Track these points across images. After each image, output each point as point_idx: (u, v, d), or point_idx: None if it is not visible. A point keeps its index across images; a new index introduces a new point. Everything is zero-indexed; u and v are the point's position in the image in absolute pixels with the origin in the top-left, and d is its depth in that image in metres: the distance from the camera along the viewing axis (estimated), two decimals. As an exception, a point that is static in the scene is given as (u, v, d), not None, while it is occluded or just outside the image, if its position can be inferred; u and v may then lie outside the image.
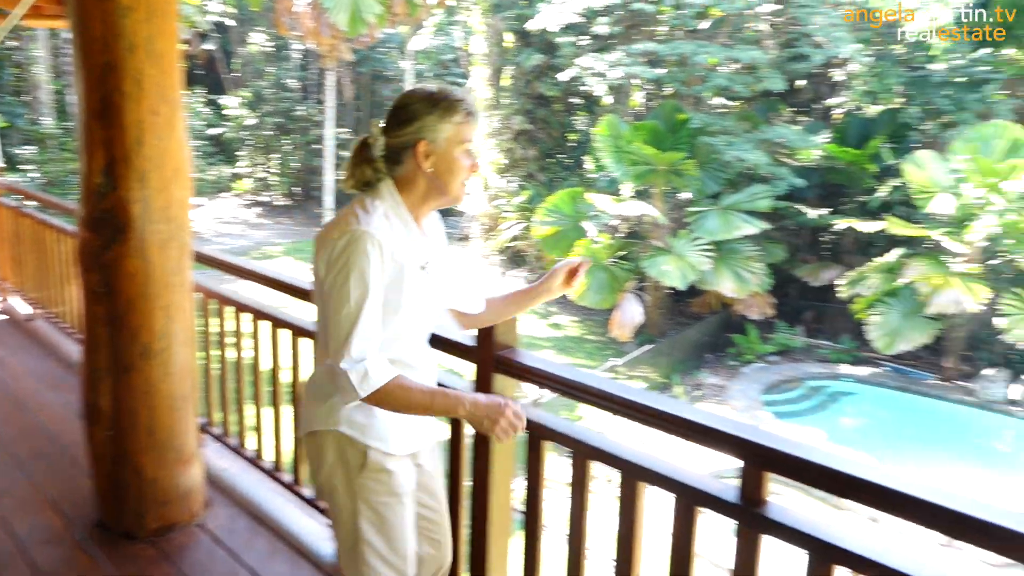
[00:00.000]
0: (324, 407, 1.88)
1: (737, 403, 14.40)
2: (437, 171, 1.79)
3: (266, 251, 24.54)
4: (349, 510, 1.89)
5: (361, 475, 1.87)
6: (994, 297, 15.03)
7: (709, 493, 1.69)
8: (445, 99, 1.77)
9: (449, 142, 1.78)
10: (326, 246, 1.73)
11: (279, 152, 30.32)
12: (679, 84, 17.98)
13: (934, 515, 1.37)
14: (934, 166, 15.43)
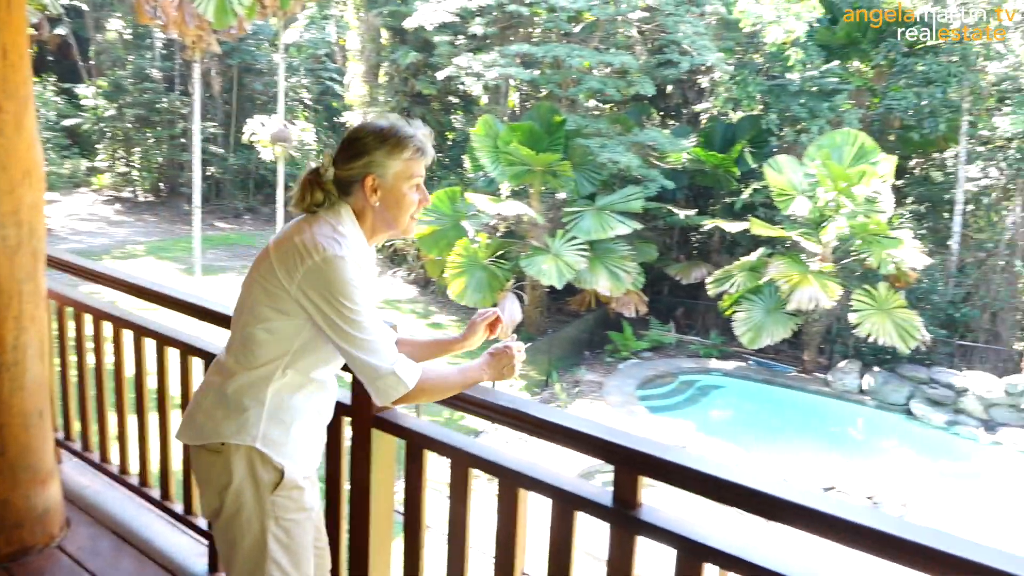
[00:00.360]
0: (236, 421, 1.80)
1: (613, 399, 14.78)
2: (385, 205, 1.82)
3: (129, 250, 23.25)
4: (257, 529, 1.81)
5: (274, 493, 1.81)
6: (846, 293, 16.11)
7: (584, 497, 1.72)
8: (395, 135, 1.79)
9: (397, 177, 1.80)
10: (308, 270, 1.71)
11: (142, 145, 28.81)
12: (554, 86, 18.30)
13: (795, 513, 1.43)
14: (792, 170, 16.37)
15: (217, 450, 1.81)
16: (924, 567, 1.32)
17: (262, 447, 1.79)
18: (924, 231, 19.57)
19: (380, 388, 1.73)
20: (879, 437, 15.00)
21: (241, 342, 1.81)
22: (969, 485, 12.91)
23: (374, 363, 1.72)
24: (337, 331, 1.72)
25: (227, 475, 1.80)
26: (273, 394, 1.81)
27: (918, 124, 17.91)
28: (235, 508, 1.81)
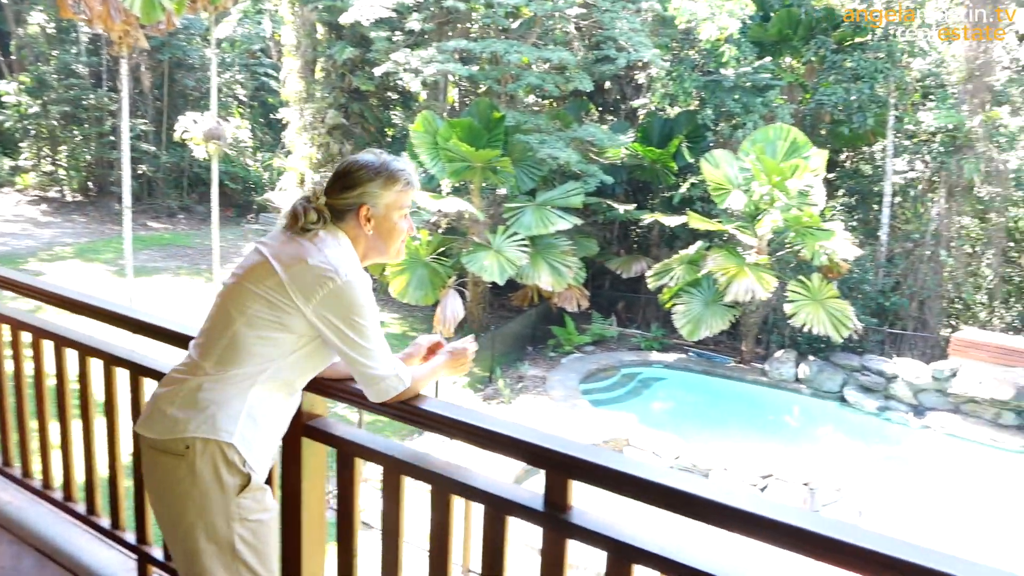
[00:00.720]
0: (211, 418, 1.82)
1: (557, 393, 14.87)
2: (377, 233, 1.96)
3: (56, 252, 22.49)
4: (224, 532, 1.82)
5: (240, 495, 1.83)
6: (782, 285, 16.48)
7: (516, 501, 1.72)
8: (387, 169, 1.94)
9: (389, 208, 1.95)
10: (329, 292, 1.81)
11: (68, 143, 27.86)
12: (493, 82, 18.27)
13: (720, 513, 1.45)
14: (727, 165, 16.66)
15: (181, 453, 1.81)
16: (847, 564, 1.35)
17: (238, 444, 1.82)
18: (855, 223, 20.16)
19: (382, 388, 1.86)
20: (815, 424, 15.40)
21: (226, 346, 1.84)
22: (900, 468, 13.35)
23: (380, 371, 1.86)
24: (351, 345, 1.84)
25: (191, 479, 1.80)
26: (254, 396, 1.85)
27: (848, 119, 18.40)
28: (198, 513, 1.81)
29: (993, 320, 18.97)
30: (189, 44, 29.03)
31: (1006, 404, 14.17)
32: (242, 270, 1.90)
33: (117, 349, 2.68)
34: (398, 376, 1.87)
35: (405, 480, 1.96)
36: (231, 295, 1.88)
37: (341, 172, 1.96)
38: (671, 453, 12.03)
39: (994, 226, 18.75)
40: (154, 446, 1.85)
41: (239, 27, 28.45)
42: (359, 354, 1.83)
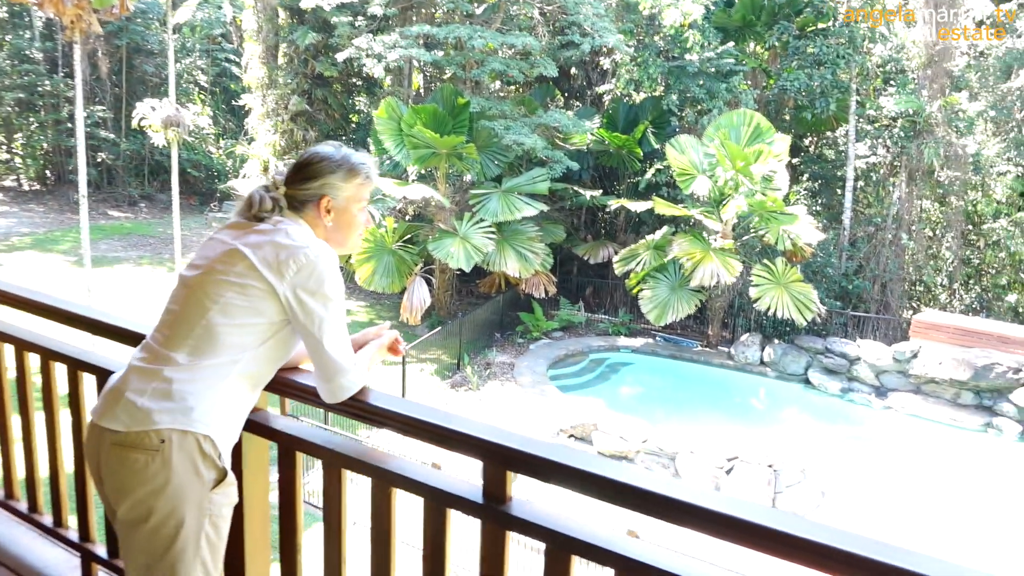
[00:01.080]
0: (187, 409, 1.76)
1: (525, 379, 14.88)
2: (337, 225, 1.96)
3: (13, 242, 22.02)
4: (192, 529, 1.76)
5: (214, 489, 1.79)
6: (747, 269, 16.62)
7: (455, 494, 1.69)
8: (348, 162, 1.94)
9: (349, 200, 1.96)
10: (303, 266, 1.80)
11: (24, 131, 27.24)
12: (457, 68, 18.15)
13: (660, 505, 1.44)
14: (692, 150, 16.73)
15: (155, 448, 1.73)
16: (784, 554, 1.34)
17: (215, 436, 1.78)
18: (818, 207, 20.40)
19: (344, 384, 1.82)
20: (779, 406, 15.59)
21: (200, 336, 1.79)
22: (863, 449, 13.57)
23: (343, 362, 1.82)
24: (319, 325, 1.80)
25: (165, 474, 1.74)
26: (227, 388, 1.81)
27: (810, 104, 18.55)
28: (169, 510, 1.74)
29: (953, 302, 19.32)
30: (148, 29, 28.48)
31: (965, 384, 14.44)
32: (206, 260, 1.85)
33: (55, 343, 2.60)
34: (357, 370, 1.84)
35: (347, 474, 1.92)
36: (200, 284, 1.82)
37: (302, 163, 1.94)
38: (638, 437, 12.10)
39: (953, 209, 19.05)
40: (122, 442, 1.75)
41: (199, 11, 27.90)
42: (325, 336, 1.80)
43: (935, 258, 19.56)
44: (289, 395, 1.99)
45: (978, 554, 10.16)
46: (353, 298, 20.31)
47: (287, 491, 2.01)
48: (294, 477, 2.00)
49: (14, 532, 2.96)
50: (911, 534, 10.50)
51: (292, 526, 2.03)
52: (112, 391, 1.83)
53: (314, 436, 1.95)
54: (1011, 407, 14.04)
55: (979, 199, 19.33)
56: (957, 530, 10.74)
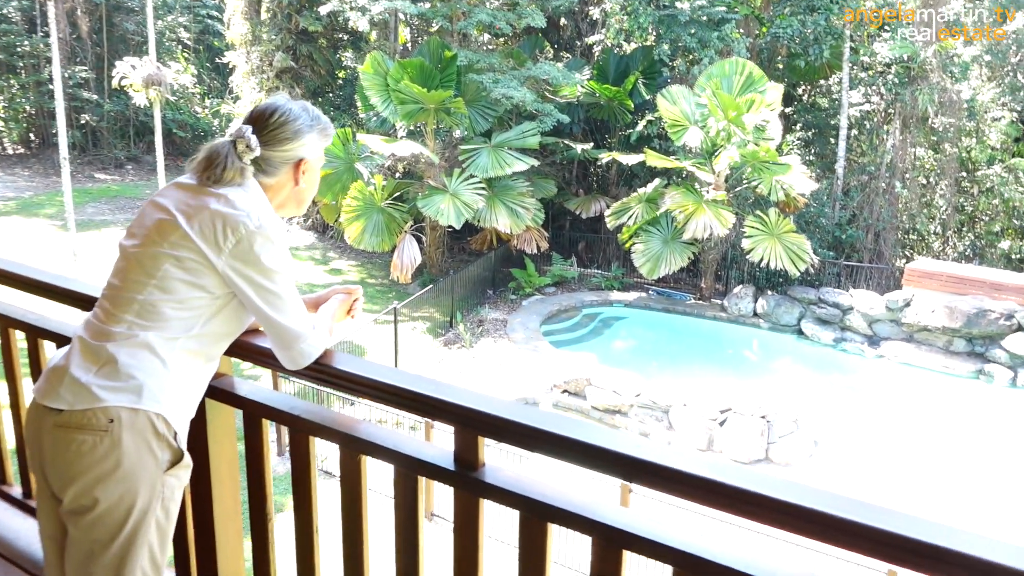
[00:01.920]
0: (134, 386, 1.63)
1: (518, 336, 14.84)
2: (307, 186, 1.87)
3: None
4: (140, 514, 1.64)
5: (168, 471, 1.68)
6: (740, 221, 16.50)
7: (425, 460, 1.61)
8: (320, 120, 1.85)
9: (319, 160, 1.88)
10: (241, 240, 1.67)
11: (5, 94, 26.75)
12: (444, 20, 17.76)
13: (639, 469, 1.36)
14: (684, 101, 16.47)
15: (103, 428, 1.61)
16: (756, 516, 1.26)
17: (167, 413, 1.66)
18: (812, 157, 20.20)
19: (304, 350, 1.73)
20: (773, 358, 15.61)
21: (138, 311, 1.68)
22: (855, 398, 13.62)
23: (298, 328, 1.72)
24: (266, 298, 1.70)
25: (115, 456, 1.61)
26: (177, 362, 1.69)
27: (804, 51, 18.24)
28: (119, 495, 1.62)
29: (946, 250, 19.27)
30: (127, -14, 27.85)
31: (957, 332, 14.45)
32: (142, 228, 1.71)
33: (13, 310, 2.50)
34: (315, 335, 1.74)
35: (315, 441, 1.83)
36: (137, 258, 1.69)
37: (279, 121, 1.78)
38: (632, 391, 12.11)
39: (947, 157, 18.89)
40: (66, 423, 1.62)
41: (179, -34, 27.30)
42: (275, 309, 1.69)
43: (928, 206, 19.46)
44: (250, 360, 1.90)
45: (970, 501, 10.25)
46: (344, 257, 20.18)
47: (255, 460, 1.94)
48: (261, 444, 1.92)
49: (-18, 505, 2.89)
50: (904, 483, 10.58)
51: (261, 494, 1.96)
52: (55, 369, 1.71)
53: (280, 402, 1.86)
54: (1003, 353, 14.08)
55: (973, 146, 19.15)
56: (949, 478, 10.82)
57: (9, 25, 25.95)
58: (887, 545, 1.16)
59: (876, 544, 1.17)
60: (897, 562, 1.16)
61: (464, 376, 13.20)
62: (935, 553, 1.12)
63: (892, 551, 1.16)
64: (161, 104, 15.55)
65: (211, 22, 30.35)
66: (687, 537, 1.35)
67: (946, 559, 1.11)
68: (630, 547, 1.40)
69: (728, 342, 16.13)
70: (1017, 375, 13.85)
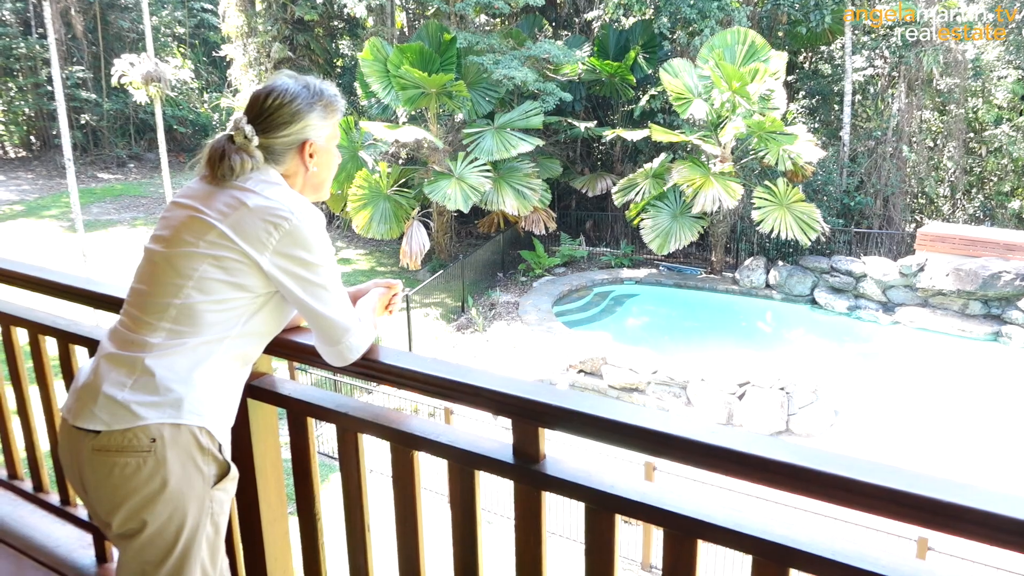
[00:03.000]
0: (174, 401, 1.55)
1: (530, 317, 14.80)
2: (320, 169, 1.77)
3: (5, 211, 21.76)
4: (190, 533, 1.59)
5: (216, 486, 1.62)
6: (748, 192, 16.38)
7: (483, 455, 1.56)
8: (323, 96, 1.73)
9: (329, 140, 1.76)
10: (286, 234, 1.59)
11: (3, 97, 26.67)
12: (441, 2, 17.59)
13: (704, 454, 1.31)
14: (687, 73, 16.30)
15: (146, 449, 1.54)
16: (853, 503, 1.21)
17: (211, 426, 1.59)
18: (817, 125, 20.00)
19: (351, 344, 1.66)
20: (787, 328, 15.55)
21: (176, 317, 1.58)
22: (873, 365, 13.56)
23: (345, 321, 1.66)
24: (312, 292, 1.63)
25: (161, 476, 1.54)
26: (215, 370, 1.61)
27: (805, 18, 18.03)
28: (168, 515, 1.56)
29: (956, 212, 19.11)
30: (119, -18, 27.68)
31: (972, 294, 14.35)
32: (171, 230, 1.63)
33: (43, 316, 2.46)
34: (361, 327, 1.68)
35: (364, 439, 1.79)
36: (168, 260, 1.60)
37: (274, 105, 1.67)
38: (648, 368, 12.07)
39: (954, 118, 18.70)
40: (105, 447, 1.54)
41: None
42: (321, 302, 1.62)
43: (937, 169, 19.28)
44: (290, 358, 1.85)
45: (993, 464, 10.20)
46: (352, 246, 20.14)
47: (301, 458, 1.89)
48: (307, 444, 1.88)
49: (20, 512, 2.87)
50: (926, 449, 10.54)
51: (309, 494, 1.92)
52: (86, 387, 1.61)
53: (324, 400, 1.82)
54: (1020, 314, 13.97)
55: (979, 105, 18.95)
56: (971, 441, 10.78)
57: (4, 28, 25.83)
58: (914, 508, 1.15)
59: (907, 508, 1.16)
60: (930, 525, 1.14)
61: (479, 360, 13.18)
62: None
63: (920, 514, 1.15)
64: (162, 101, 15.45)
65: (206, 16, 30.17)
66: (766, 524, 1.30)
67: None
68: (705, 537, 1.35)
69: (741, 315, 16.07)
70: (1034, 335, 13.77)
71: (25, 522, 2.81)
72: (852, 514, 6.71)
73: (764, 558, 1.29)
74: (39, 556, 2.66)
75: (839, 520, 7.06)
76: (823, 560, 1.23)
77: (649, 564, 8.28)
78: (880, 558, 1.20)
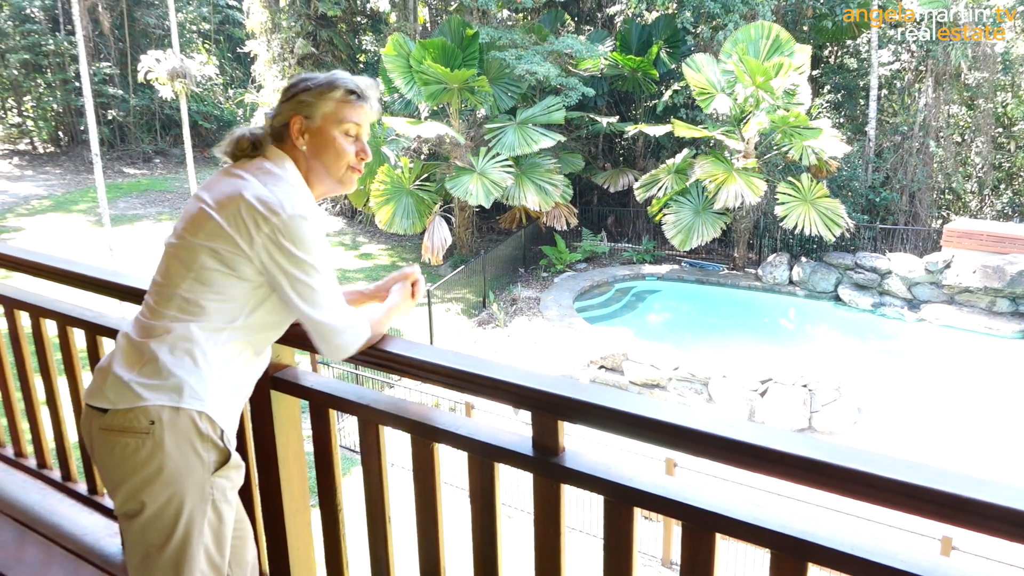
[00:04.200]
0: (175, 382, 1.58)
1: (551, 313, 14.80)
2: (314, 151, 1.71)
3: (34, 206, 22.08)
4: (190, 518, 1.61)
5: (215, 473, 1.62)
6: (771, 188, 16.25)
7: (503, 447, 1.57)
8: (328, 78, 1.71)
9: (326, 119, 1.70)
10: (273, 230, 1.59)
11: (33, 93, 27.04)
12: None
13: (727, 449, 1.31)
14: (709, 68, 16.19)
15: (145, 431, 1.57)
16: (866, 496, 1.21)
17: (211, 412, 1.61)
18: (842, 119, 19.81)
19: (341, 344, 1.66)
20: (811, 325, 15.43)
21: (179, 306, 1.63)
22: (897, 363, 13.43)
23: (334, 322, 1.64)
24: (300, 290, 1.61)
25: (159, 459, 1.57)
26: (221, 357, 1.64)
27: (830, 12, 17.84)
28: (166, 498, 1.58)
29: (984, 209, 18.85)
30: (146, -21, 27.96)
31: (1000, 292, 14.16)
32: (181, 224, 1.68)
33: (71, 308, 2.51)
34: (354, 328, 1.66)
35: (385, 430, 1.81)
36: (175, 252, 1.65)
37: (291, 85, 1.74)
38: (669, 364, 12.03)
39: (982, 113, 18.44)
40: (109, 426, 1.59)
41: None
42: (309, 303, 1.61)
43: (964, 164, 19.02)
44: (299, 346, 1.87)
45: (1016, 461, 10.07)
46: (374, 241, 20.24)
47: (323, 450, 1.91)
48: (329, 435, 1.90)
49: (50, 501, 2.92)
50: (951, 448, 10.42)
51: (331, 484, 1.94)
52: (100, 369, 1.67)
53: (346, 392, 1.84)
54: (1048, 312, 13.78)
55: (1009, 100, 18.67)
56: (997, 440, 10.64)
57: (33, 25, 26.17)
58: (934, 503, 1.14)
59: (926, 503, 1.15)
60: (951, 521, 1.13)
61: (500, 355, 13.20)
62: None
63: (940, 509, 1.14)
64: (187, 96, 15.60)
65: (231, 11, 30.39)
66: (785, 519, 1.30)
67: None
68: (723, 531, 1.35)
69: (764, 311, 15.96)
70: (1063, 333, 13.57)
71: (54, 511, 2.86)
72: (875, 514, 6.67)
73: (783, 552, 1.29)
74: (67, 544, 2.70)
75: (861, 519, 7.01)
76: (842, 555, 1.23)
77: (670, 560, 8.27)
78: (899, 553, 1.20)
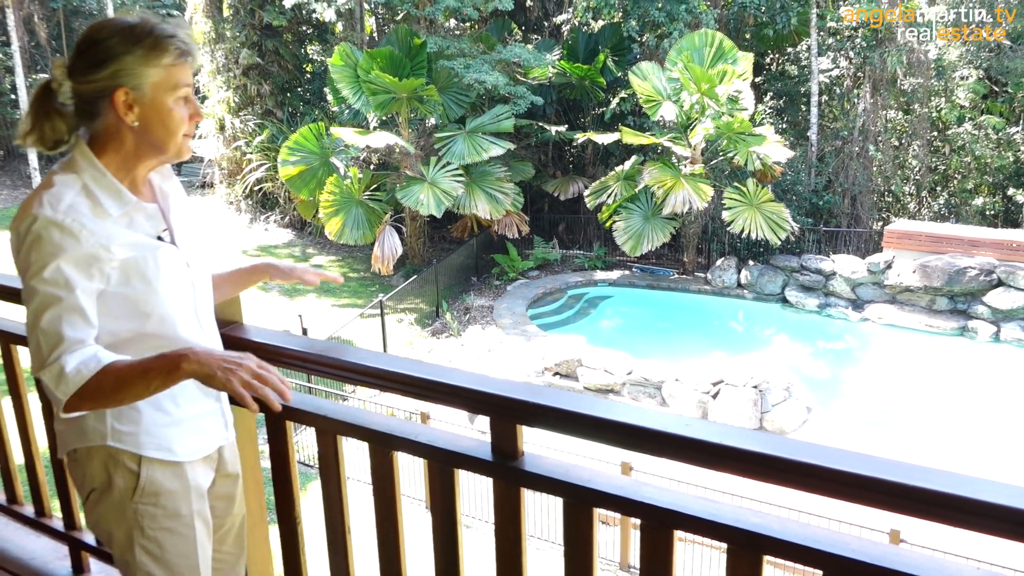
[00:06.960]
0: (79, 422, 1.54)
1: (505, 321, 14.82)
2: (146, 125, 1.45)
3: (-33, 224, 21.34)
4: (121, 542, 1.58)
5: (134, 499, 1.55)
6: (718, 193, 16.54)
7: (462, 453, 1.58)
8: (150, 34, 1.42)
9: (158, 89, 1.44)
10: (14, 236, 1.42)
11: (-35, 107, 26.14)
12: (410, 6, 17.57)
13: (682, 447, 1.34)
14: (655, 76, 16.44)
15: (75, 458, 1.59)
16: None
17: (115, 443, 1.53)
18: (784, 125, 20.25)
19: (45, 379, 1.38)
20: (759, 327, 15.71)
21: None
22: (844, 362, 13.76)
23: (39, 349, 1.38)
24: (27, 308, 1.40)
25: (85, 485, 1.60)
26: None
27: (771, 20, 18.25)
28: (96, 520, 1.61)
29: (922, 210, 19.43)
30: (83, -11, 27.31)
31: (939, 290, 14.61)
32: None
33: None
34: (53, 373, 1.36)
35: (343, 440, 1.80)
36: None
37: (86, 41, 1.43)
38: (623, 369, 12.13)
39: (918, 117, 19.02)
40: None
41: (135, -33, 26.77)
42: (27, 315, 1.40)
43: (902, 167, 19.60)
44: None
45: (963, 454, 10.39)
46: (324, 253, 20.04)
47: (280, 464, 1.89)
48: (286, 448, 1.88)
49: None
50: (898, 443, 10.70)
51: (289, 497, 1.92)
52: None
53: (304, 403, 1.82)
54: (985, 309, 14.25)
55: (942, 105, 19.29)
56: (940, 433, 10.96)
57: (-35, 36, 25.37)
58: (883, 493, 1.18)
59: (875, 493, 1.18)
60: (899, 510, 1.18)
61: (456, 365, 13.17)
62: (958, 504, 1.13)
63: (888, 499, 1.18)
64: (129, 108, 15.27)
65: (172, 22, 29.89)
66: (740, 514, 1.33)
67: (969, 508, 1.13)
68: (681, 527, 1.38)
69: (714, 314, 16.21)
70: (1000, 329, 14.03)
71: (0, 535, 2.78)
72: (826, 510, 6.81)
73: (738, 546, 1.32)
74: (15, 569, 2.63)
75: (814, 515, 7.14)
76: (795, 546, 1.26)
77: (628, 564, 8.33)
78: (850, 543, 1.24)
